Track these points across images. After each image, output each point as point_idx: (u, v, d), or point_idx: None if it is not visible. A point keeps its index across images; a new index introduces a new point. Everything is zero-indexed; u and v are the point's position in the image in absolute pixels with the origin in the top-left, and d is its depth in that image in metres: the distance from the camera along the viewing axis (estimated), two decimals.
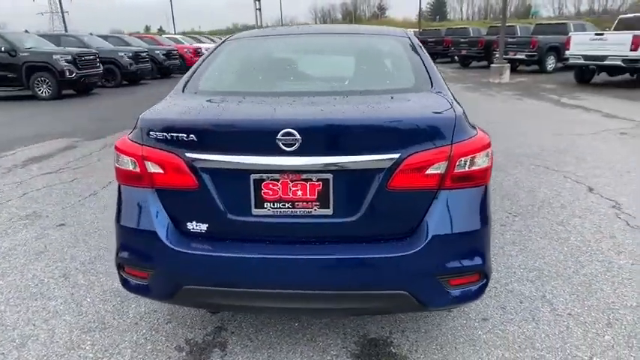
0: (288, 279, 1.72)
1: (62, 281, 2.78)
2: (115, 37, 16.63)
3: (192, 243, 1.78)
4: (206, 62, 2.39)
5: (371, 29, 2.84)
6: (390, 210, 1.71)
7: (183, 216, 1.80)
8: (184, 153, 1.72)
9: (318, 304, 1.77)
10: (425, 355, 2.06)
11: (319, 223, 1.73)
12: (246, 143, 1.69)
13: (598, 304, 2.40)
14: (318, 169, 1.67)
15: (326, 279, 1.71)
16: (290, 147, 1.64)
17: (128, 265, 1.89)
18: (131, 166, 1.82)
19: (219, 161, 1.70)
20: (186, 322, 2.35)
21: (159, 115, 1.84)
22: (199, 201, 1.76)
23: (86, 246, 3.25)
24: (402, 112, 1.75)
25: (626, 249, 2.99)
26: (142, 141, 1.79)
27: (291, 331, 2.25)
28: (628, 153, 5.33)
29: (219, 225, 1.78)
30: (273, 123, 1.66)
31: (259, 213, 1.74)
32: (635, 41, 10.48)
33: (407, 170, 1.66)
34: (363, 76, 2.27)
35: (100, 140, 6.68)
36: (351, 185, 1.70)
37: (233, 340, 2.20)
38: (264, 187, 1.72)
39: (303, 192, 1.71)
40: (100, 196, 4.31)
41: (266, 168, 1.69)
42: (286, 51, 2.59)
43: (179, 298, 1.84)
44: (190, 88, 2.18)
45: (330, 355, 2.08)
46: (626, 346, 2.08)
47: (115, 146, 1.90)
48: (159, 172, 1.77)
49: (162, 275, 1.81)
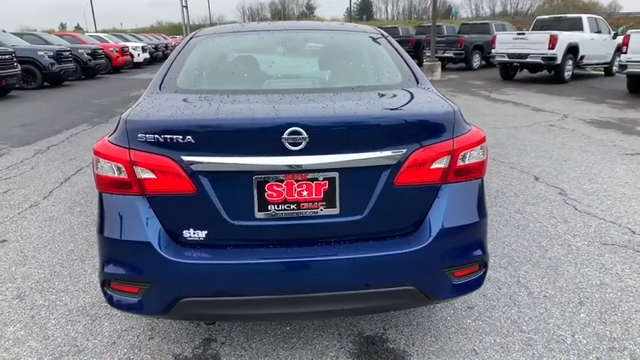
0: (295, 283, 1.66)
1: (17, 303, 2.48)
2: (33, 35, 15.19)
3: (190, 252, 1.66)
4: (178, 60, 2.24)
5: (344, 26, 2.83)
6: (396, 206, 1.71)
7: (179, 224, 1.67)
8: (180, 156, 1.60)
9: (326, 306, 1.73)
10: (422, 348, 2.09)
11: (326, 223, 1.69)
12: (248, 143, 1.60)
13: (567, 284, 2.59)
14: (325, 167, 1.62)
15: (335, 280, 1.67)
16: (296, 146, 1.58)
17: (116, 281, 1.72)
18: (116, 173, 1.65)
19: (219, 163, 1.60)
20: (170, 336, 2.19)
21: (148, 115, 1.68)
22: (197, 207, 1.64)
23: (37, 263, 2.93)
24: (405, 109, 1.76)
25: (580, 232, 3.26)
26: (128, 144, 1.63)
27: (285, 335, 2.19)
28: (560, 143, 5.82)
29: (220, 231, 1.67)
30: (278, 121, 1.59)
31: (263, 216, 1.66)
32: (551, 40, 11.50)
33: (412, 166, 1.67)
34: (350, 73, 2.25)
35: (29, 146, 6.06)
36: (357, 183, 1.67)
37: (225, 351, 2.09)
38: (267, 188, 1.64)
39: (308, 192, 1.66)
40: (43, 207, 3.91)
41: (270, 169, 1.61)
42: (265, 47, 2.50)
43: (175, 313, 1.70)
44: (168, 88, 2.03)
45: (329, 357, 2.04)
46: (600, 321, 2.25)
47: (95, 151, 1.71)
48: (150, 178, 1.62)
49: (157, 289, 1.66)
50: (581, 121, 7.20)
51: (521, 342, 2.12)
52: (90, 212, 3.76)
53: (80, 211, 3.80)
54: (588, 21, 12.76)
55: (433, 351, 2.07)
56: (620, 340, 2.12)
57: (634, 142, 5.83)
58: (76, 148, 5.94)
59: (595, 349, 2.06)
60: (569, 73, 12.08)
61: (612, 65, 13.68)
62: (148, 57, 20.81)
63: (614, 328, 2.21)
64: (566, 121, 7.24)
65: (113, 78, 16.37)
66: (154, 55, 22.06)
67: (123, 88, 12.77)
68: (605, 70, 14.04)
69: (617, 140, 5.92)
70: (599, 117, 7.48)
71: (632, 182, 4.31)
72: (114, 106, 9.46)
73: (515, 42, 12.33)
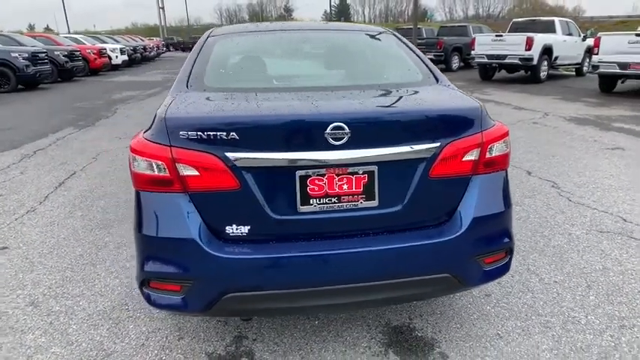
0: (337, 275, 1.70)
1: (32, 310, 2.43)
2: (3, 36, 14.66)
3: (233, 248, 1.68)
4: (201, 59, 2.25)
5: (357, 26, 2.90)
6: (431, 198, 1.78)
7: (222, 220, 1.69)
8: (224, 152, 1.62)
9: (365, 296, 1.78)
10: (449, 334, 2.17)
11: (365, 216, 1.74)
12: (292, 139, 1.64)
13: (573, 270, 2.72)
14: (365, 161, 1.68)
15: (375, 270, 1.72)
16: (338, 141, 1.63)
17: (156, 279, 1.72)
18: (156, 171, 1.66)
19: (263, 159, 1.63)
20: (200, 335, 2.20)
21: (188, 113, 1.69)
22: (241, 203, 1.67)
23: (46, 269, 2.87)
24: (436, 104, 1.83)
25: (577, 221, 3.42)
26: (168, 142, 1.64)
27: (315, 329, 2.23)
28: (545, 140, 6.05)
29: (263, 226, 1.70)
30: (322, 117, 1.63)
31: (305, 210, 1.70)
32: (528, 42, 11.91)
33: (446, 158, 1.74)
34: (371, 71, 2.32)
35: (15, 151, 5.88)
36: (395, 176, 1.74)
37: (258, 347, 2.11)
38: (309, 183, 1.68)
39: (349, 185, 1.71)
40: (41, 212, 3.81)
41: (313, 163, 1.65)
42: (286, 46, 2.53)
43: (217, 309, 1.71)
44: (195, 86, 2.04)
45: (362, 348, 2.09)
46: (609, 302, 2.39)
47: (132, 149, 1.71)
48: (193, 175, 1.64)
49: (201, 286, 1.67)
50: (561, 118, 7.50)
51: (540, 325, 2.22)
52: (93, 216, 3.70)
53: (82, 215, 3.73)
54: (560, 24, 13.28)
55: (460, 337, 2.15)
56: (629, 319, 2.25)
57: (612, 137, 6.12)
58: (66, 152, 5.80)
59: (608, 328, 2.18)
60: (544, 73, 12.53)
61: (583, 66, 14.29)
62: (126, 59, 20.39)
63: (622, 308, 2.34)
64: (547, 118, 7.52)
65: (91, 81, 15.97)
66: (132, 57, 21.61)
67: (104, 91, 12.48)
68: (576, 70, 14.62)
69: (597, 136, 6.20)
70: (577, 114, 7.80)
71: (615, 174, 4.53)
72: (98, 109, 9.26)
73: (493, 44, 12.71)
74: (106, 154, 5.68)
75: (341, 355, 2.05)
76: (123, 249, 3.12)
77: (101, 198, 4.13)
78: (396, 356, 2.03)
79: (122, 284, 2.67)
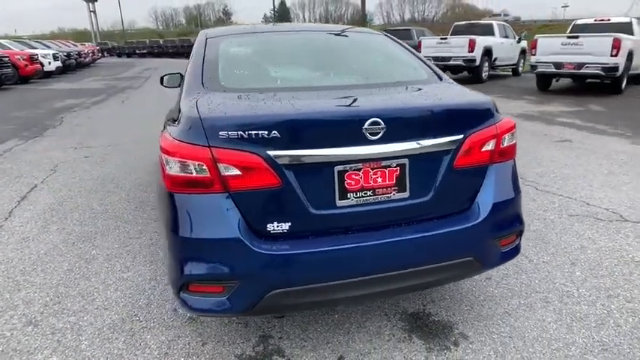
0: (375, 264, 1.77)
1: (33, 330, 2.27)
2: None
3: (275, 245, 1.70)
4: (209, 60, 2.23)
5: (354, 28, 3.00)
6: (455, 187, 1.91)
7: (264, 218, 1.70)
8: (265, 151, 1.64)
9: (399, 283, 1.86)
10: (462, 316, 2.31)
11: (398, 207, 1.83)
12: (331, 135, 1.69)
13: (556, 250, 2.98)
14: (398, 155, 1.77)
15: (409, 258, 1.81)
16: (374, 136, 1.71)
17: (198, 282, 1.70)
18: (196, 172, 1.64)
19: (304, 156, 1.67)
20: (223, 339, 2.17)
21: (226, 113, 1.69)
22: (282, 200, 1.69)
23: (34, 286, 2.68)
24: (456, 99, 1.96)
25: (548, 207, 3.73)
26: (207, 142, 1.63)
27: (336, 323, 2.28)
28: None
29: (303, 222, 1.73)
30: (360, 113, 1.70)
31: (343, 204, 1.76)
32: (471, 44, 12.67)
33: (468, 149, 1.88)
34: (381, 69, 2.42)
35: None
36: (424, 168, 1.84)
37: (286, 344, 2.13)
38: (347, 177, 1.74)
39: (382, 178, 1.79)
40: (9, 228, 3.54)
41: (351, 158, 1.71)
42: (295, 47, 2.56)
43: (261, 307, 1.72)
44: (212, 87, 2.02)
45: (386, 336, 2.18)
46: (593, 277, 2.65)
47: (167, 150, 1.68)
48: (235, 175, 1.64)
49: (247, 285, 1.68)
50: (510, 115, 8.05)
51: (540, 300, 2.42)
52: (71, 230, 3.49)
53: (58, 229, 3.51)
54: (498, 27, 14.25)
55: (473, 318, 2.30)
56: (614, 289, 2.51)
57: (559, 131, 6.69)
58: (19, 165, 5.38)
59: (599, 298, 2.43)
60: (486, 73, 13.38)
61: (518, 66, 15.41)
62: (60, 65, 19.08)
63: (605, 280, 2.61)
64: None
65: (23, 89, 14.81)
66: (66, 63, 20.27)
67: (42, 99, 11.64)
68: (512, 70, 15.72)
69: (546, 130, 6.75)
70: (523, 111, 8.43)
71: (570, 164, 4.98)
72: (41, 119, 8.64)
73: (438, 46, 13.37)
74: (65, 166, 5.35)
75: (369, 344, 2.12)
76: (115, 261, 2.98)
77: (74, 210, 3.90)
78: (420, 340, 2.14)
79: (125, 296, 2.56)
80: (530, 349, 2.05)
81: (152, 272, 2.82)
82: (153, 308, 2.44)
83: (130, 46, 45.64)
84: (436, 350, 2.06)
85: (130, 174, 4.96)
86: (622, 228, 3.29)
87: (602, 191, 4.07)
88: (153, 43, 43.55)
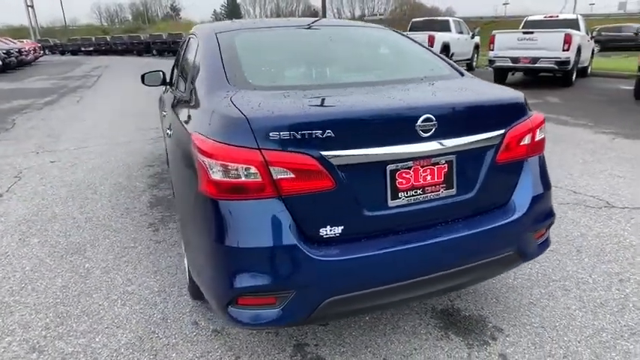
0: (428, 264, 1.74)
1: (38, 357, 2.05)
2: None
3: (330, 250, 1.61)
4: (227, 57, 2.09)
5: (360, 23, 2.93)
6: (497, 182, 1.90)
7: (317, 222, 1.61)
8: (319, 152, 1.55)
9: (450, 282, 1.84)
10: (491, 309, 2.32)
11: (446, 204, 1.80)
12: (385, 133, 1.63)
13: (559, 239, 3.08)
14: (447, 151, 1.73)
15: (460, 255, 1.79)
16: (427, 133, 1.66)
17: (249, 295, 1.58)
18: (245, 176, 1.52)
19: (360, 156, 1.59)
20: (257, 351, 2.06)
21: (273, 113, 1.57)
22: (335, 202, 1.61)
23: (28, 307, 2.43)
24: (495, 94, 1.95)
25: None
26: (256, 145, 1.52)
27: (370, 326, 2.22)
28: None
29: (355, 224, 1.66)
30: (414, 110, 1.64)
31: (395, 204, 1.70)
32: (430, 39, 12.97)
33: (508, 144, 1.87)
34: (406, 65, 2.37)
35: None
36: (469, 164, 1.82)
37: (324, 351, 2.05)
38: (398, 176, 1.68)
39: (431, 176, 1.74)
40: None
41: (403, 157, 1.66)
42: (311, 42, 2.45)
43: (316, 316, 1.63)
44: (240, 85, 1.89)
45: (423, 335, 2.15)
46: (601, 262, 2.76)
47: (209, 154, 1.55)
48: (288, 178, 1.54)
49: (303, 294, 1.58)
50: None
51: (559, 289, 2.49)
52: (55, 242, 3.20)
53: (40, 242, 3.21)
54: (454, 23, 14.68)
55: (501, 310, 2.32)
56: (623, 273, 2.63)
57: None
58: None
59: (612, 284, 2.53)
60: None
61: (472, 61, 15.98)
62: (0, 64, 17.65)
63: (612, 265, 2.73)
64: None
65: None
66: (6, 61, 18.75)
67: None
68: (467, 65, 16.26)
69: None
70: None
71: (547, 155, 5.18)
72: None
73: None
74: (30, 172, 4.93)
75: (408, 345, 2.08)
76: (114, 273, 2.76)
77: (52, 221, 3.59)
78: (458, 337, 2.13)
79: (135, 312, 2.37)
80: (565, 339, 2.09)
81: (159, 283, 2.64)
82: (170, 323, 2.28)
83: (75, 44, 42.95)
84: (476, 346, 2.06)
85: (106, 179, 4.64)
86: (612, 214, 3.46)
87: (584, 179, 4.28)
88: (100, 40, 41.19)
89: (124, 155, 5.58)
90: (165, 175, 4.75)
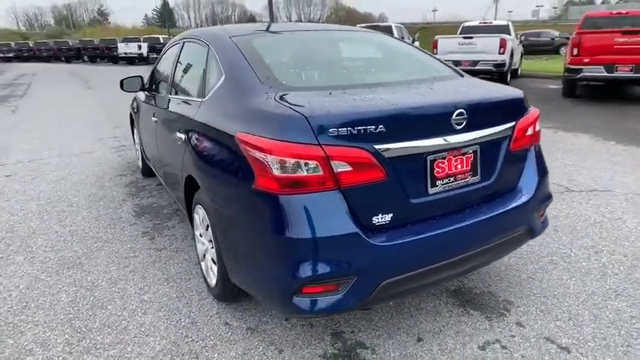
0: (464, 244, 1.92)
1: None
2: None
3: (383, 236, 1.74)
4: (252, 60, 2.15)
5: (350, 27, 3.08)
6: (510, 168, 2.13)
7: (369, 211, 1.73)
8: (373, 145, 1.67)
9: (477, 260, 2.03)
10: (498, 286, 2.57)
11: (472, 190, 1.99)
12: (426, 127, 1.79)
13: None
14: (474, 142, 1.93)
15: (488, 235, 2.00)
16: (459, 125, 1.85)
17: (313, 284, 1.66)
18: (307, 171, 1.61)
19: (407, 148, 1.74)
20: (297, 343, 2.13)
21: (329, 111, 1.67)
22: (386, 192, 1.74)
23: (39, 326, 2.31)
24: (506, 91, 2.18)
25: None
26: (316, 141, 1.61)
27: (395, 309, 2.36)
28: None
29: (402, 211, 1.80)
30: (448, 105, 1.82)
31: (434, 191, 1.87)
32: None
33: (519, 134, 2.12)
34: (415, 66, 2.55)
35: None
36: (490, 153, 2.03)
37: (362, 336, 2.16)
38: (435, 166, 1.85)
39: (461, 165, 1.93)
40: None
41: (441, 148, 1.83)
42: (325, 45, 2.56)
43: (372, 299, 1.76)
44: (275, 87, 1.97)
45: (446, 313, 2.33)
46: (577, 238, 3.12)
47: (270, 151, 1.62)
48: (346, 171, 1.65)
49: (363, 279, 1.69)
50: None
51: (549, 263, 2.79)
52: (44, 258, 3.03)
53: (26, 259, 3.02)
54: (396, 29, 15.35)
55: (506, 285, 2.57)
56: (597, 246, 3.00)
57: None
58: None
59: (590, 255, 2.87)
60: None
61: None
62: None
63: (586, 240, 3.09)
64: None
65: None
66: None
67: None
68: None
69: None
70: None
71: None
72: None
73: None
74: None
75: (435, 323, 2.25)
76: (122, 284, 2.69)
77: (33, 236, 3.38)
78: (477, 312, 2.34)
79: (160, 318, 2.34)
80: (565, 304, 2.37)
81: (175, 290, 2.61)
82: (201, 326, 2.28)
83: None
84: (495, 318, 2.28)
85: (78, 190, 4.42)
86: (573, 197, 3.90)
87: None
88: (21, 46, 37.82)
89: (89, 166, 5.32)
90: (142, 183, 4.61)
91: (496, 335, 2.15)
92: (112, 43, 29.37)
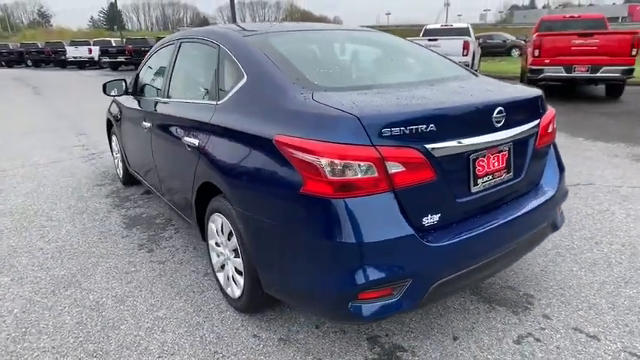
0: (505, 239, 1.95)
1: None
2: None
3: (433, 236, 1.72)
4: (277, 60, 2.07)
5: (353, 26, 3.06)
6: (536, 164, 2.18)
7: (420, 212, 1.70)
8: (423, 145, 1.65)
9: (515, 255, 2.08)
10: (515, 281, 2.62)
11: (507, 187, 2.02)
12: (470, 125, 1.79)
13: None
14: (509, 140, 1.95)
15: (525, 229, 2.04)
16: (499, 123, 1.86)
17: (369, 289, 1.61)
18: (361, 173, 1.56)
19: (452, 147, 1.73)
20: (334, 350, 2.07)
21: (380, 111, 1.63)
22: (435, 192, 1.72)
23: (46, 352, 2.11)
24: (529, 90, 2.22)
25: None
26: (370, 142, 1.57)
27: (424, 311, 2.34)
28: None
29: (449, 211, 1.79)
30: (489, 103, 1.83)
31: (475, 190, 1.87)
32: None
33: (543, 131, 2.17)
34: (431, 66, 2.55)
35: None
36: (520, 150, 2.06)
37: (398, 339, 2.13)
38: (477, 164, 1.86)
39: (498, 162, 1.95)
40: None
41: (482, 146, 1.84)
42: (346, 46, 2.51)
43: (424, 300, 1.73)
44: (308, 87, 1.90)
45: (474, 310, 2.35)
46: (575, 230, 3.25)
47: (321, 153, 1.56)
48: (399, 171, 1.61)
49: (417, 281, 1.66)
50: None
51: (557, 256, 2.89)
52: (34, 277, 2.78)
53: (14, 279, 2.76)
54: None
55: (522, 280, 2.62)
56: (595, 237, 3.14)
57: None
58: None
59: (592, 246, 3.00)
60: None
61: None
62: None
63: (584, 231, 3.23)
64: None
65: None
66: None
67: None
68: None
69: None
70: None
71: None
72: None
73: None
74: None
75: (466, 321, 2.26)
76: (131, 301, 2.51)
77: (15, 255, 3.10)
78: (502, 307, 2.37)
79: (181, 335, 2.20)
80: (582, 295, 2.46)
81: (190, 304, 2.47)
82: (229, 340, 2.16)
83: None
84: (521, 312, 2.32)
85: (54, 203, 4.11)
86: None
87: None
88: None
89: (60, 176, 4.97)
90: (125, 193, 4.36)
91: (527, 329, 2.19)
92: (59, 46, 27.76)
